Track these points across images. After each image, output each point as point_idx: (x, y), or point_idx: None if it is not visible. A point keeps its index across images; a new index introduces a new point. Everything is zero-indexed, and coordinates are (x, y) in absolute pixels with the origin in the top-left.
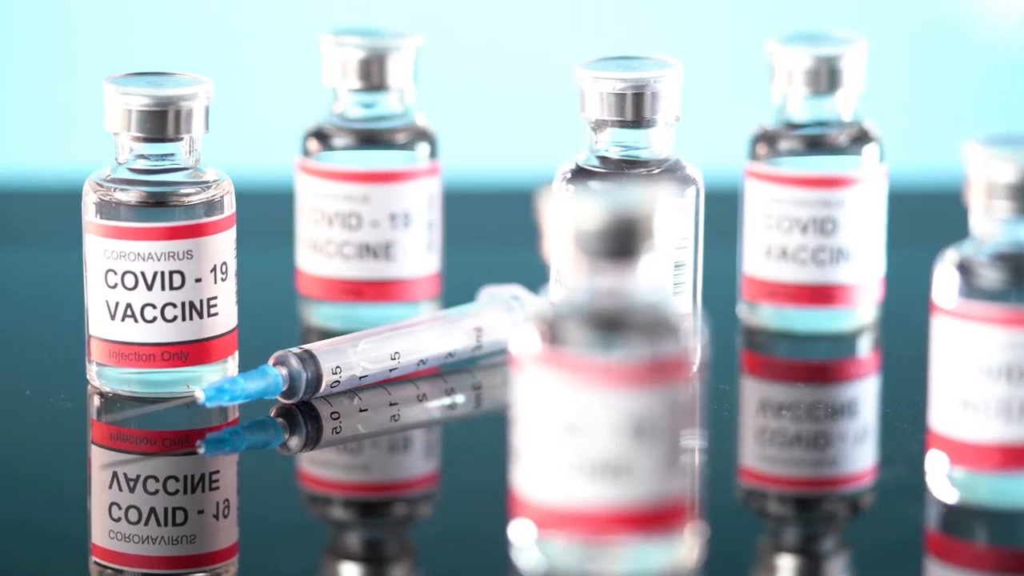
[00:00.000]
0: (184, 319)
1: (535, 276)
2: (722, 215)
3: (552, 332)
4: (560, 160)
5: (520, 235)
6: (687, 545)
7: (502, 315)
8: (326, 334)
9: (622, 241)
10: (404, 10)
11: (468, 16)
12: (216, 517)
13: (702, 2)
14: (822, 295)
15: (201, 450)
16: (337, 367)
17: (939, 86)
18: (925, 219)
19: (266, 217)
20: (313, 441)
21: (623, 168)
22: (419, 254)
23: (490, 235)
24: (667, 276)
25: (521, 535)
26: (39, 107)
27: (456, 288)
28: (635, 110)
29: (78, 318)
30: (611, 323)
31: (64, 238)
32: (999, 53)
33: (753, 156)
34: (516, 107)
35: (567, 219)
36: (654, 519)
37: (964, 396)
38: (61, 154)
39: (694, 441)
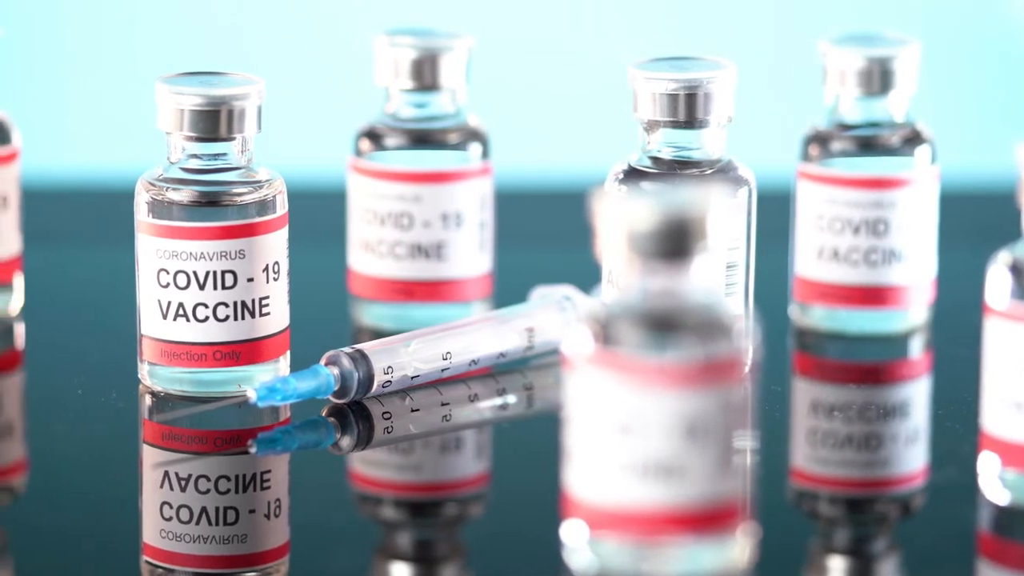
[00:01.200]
0: (236, 318)
1: (587, 276)
2: (774, 216)
3: (605, 333)
4: (612, 161)
5: (572, 235)
6: (739, 546)
7: (554, 315)
8: (378, 334)
9: (675, 242)
10: (457, 10)
11: (521, 16)
12: (267, 517)
13: (755, 2)
14: (874, 296)
15: (253, 450)
16: (389, 367)
17: (992, 87)
18: (977, 220)
19: (318, 217)
20: (364, 441)
21: (675, 169)
22: (471, 254)
23: (542, 235)
24: (719, 277)
25: (573, 536)
26: (92, 106)
27: (508, 288)
28: (688, 110)
29: (130, 317)
30: (664, 324)
31: (117, 237)
32: None
33: (805, 157)
34: (568, 107)
35: (620, 220)
36: (706, 520)
37: (1016, 397)
38: (114, 153)
39: (746, 442)
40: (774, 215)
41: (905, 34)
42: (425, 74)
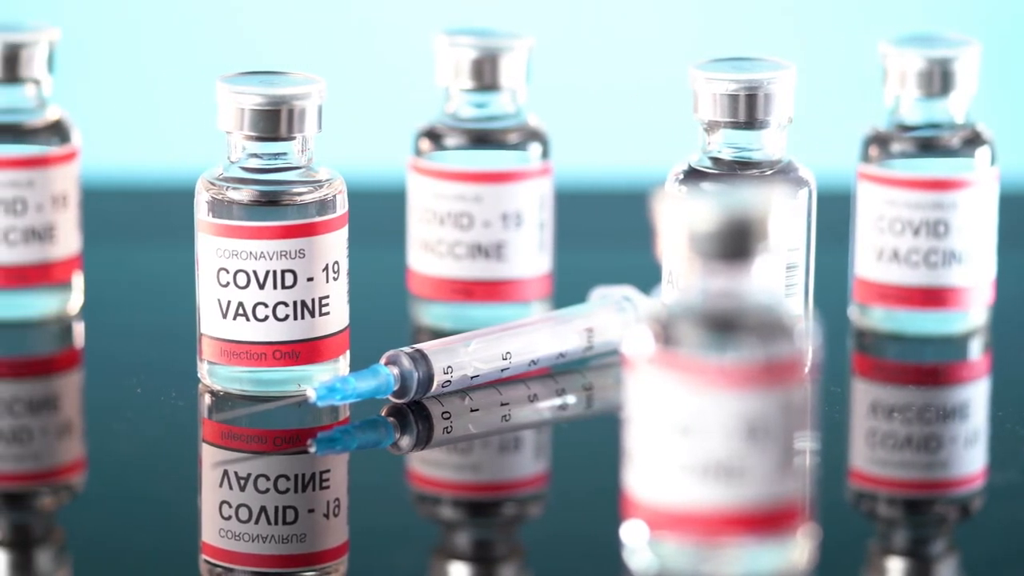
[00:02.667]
0: (296, 318)
1: (646, 277)
2: (834, 217)
3: (666, 333)
4: (672, 161)
5: (631, 236)
6: (799, 547)
7: (613, 316)
8: (437, 334)
9: (737, 243)
10: (517, 10)
11: (581, 16)
12: (326, 516)
13: (816, 3)
14: (933, 297)
15: (312, 449)
16: (448, 367)
17: None
18: None
19: (378, 216)
20: (424, 441)
21: (735, 169)
22: (530, 254)
23: (601, 236)
24: (779, 278)
25: (633, 536)
26: (152, 105)
27: (567, 288)
28: (748, 111)
29: (190, 317)
30: (725, 324)
31: (177, 236)
32: None
33: (865, 158)
34: (628, 107)
35: (682, 220)
36: (767, 521)
37: None
38: (174, 152)
39: (806, 443)
40: (834, 216)
41: (965, 35)
42: (485, 74)
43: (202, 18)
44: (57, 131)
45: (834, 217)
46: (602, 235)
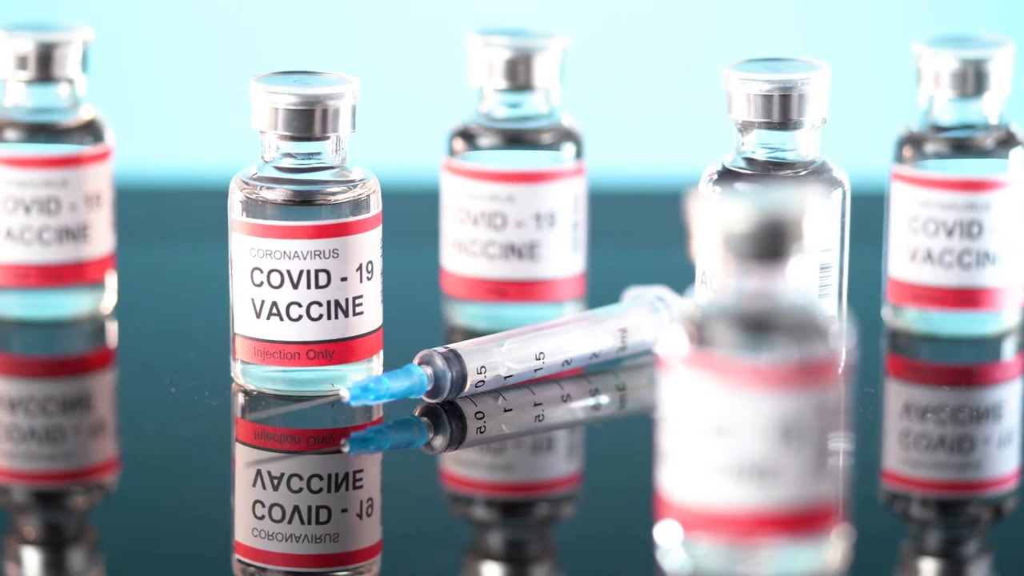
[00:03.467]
0: (329, 318)
1: (679, 277)
2: (867, 217)
3: (700, 333)
4: (706, 161)
5: (665, 236)
6: (833, 548)
7: (647, 316)
8: (470, 334)
9: (771, 243)
10: (551, 10)
11: (615, 16)
12: (359, 516)
13: (849, 3)
14: (967, 298)
15: (345, 449)
16: (482, 367)
17: None
18: None
19: (411, 216)
20: (457, 441)
21: (769, 170)
22: (564, 254)
23: (634, 236)
24: (813, 278)
25: (667, 537)
26: (186, 105)
27: (600, 289)
28: (782, 112)
29: (223, 316)
30: (760, 325)
31: (210, 236)
32: None
33: (899, 159)
34: (662, 107)
35: (716, 221)
36: (801, 521)
37: None
38: (208, 152)
39: (841, 444)
40: (867, 217)
41: (1000, 35)
42: (519, 74)
43: (236, 18)
44: (91, 130)
45: (868, 217)
46: (635, 235)
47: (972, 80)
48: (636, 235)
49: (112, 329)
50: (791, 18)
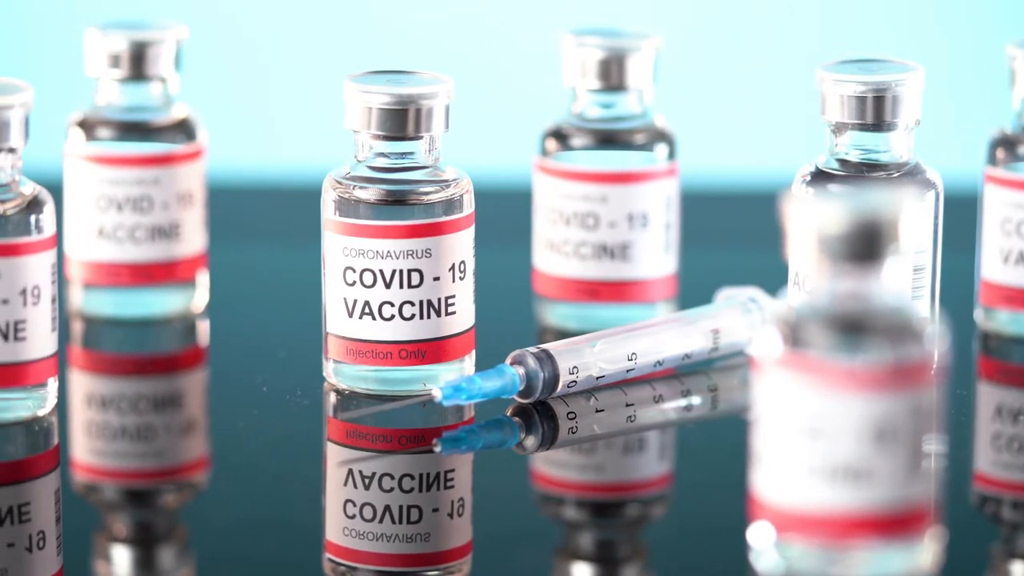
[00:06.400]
0: (422, 317)
1: (772, 278)
2: (960, 220)
3: (794, 335)
4: (799, 163)
5: (757, 237)
6: (926, 550)
7: (739, 317)
8: (562, 334)
9: (867, 244)
10: (645, 10)
11: (709, 17)
12: (450, 516)
13: (944, 4)
14: None
15: (437, 448)
16: (574, 367)
17: None
18: None
19: (504, 216)
20: (549, 441)
21: (862, 171)
22: (656, 255)
23: (727, 237)
24: (907, 280)
25: (760, 538)
26: (279, 104)
27: (692, 289)
28: (876, 113)
29: (316, 315)
30: (854, 327)
31: (303, 235)
32: None
33: (992, 161)
34: (755, 108)
35: (811, 222)
36: (895, 524)
37: None
38: (301, 151)
39: (934, 446)
40: (961, 219)
41: None
42: (612, 74)
43: (329, 17)
44: (183, 129)
45: (960, 220)
46: (728, 236)
47: None
48: (728, 236)
49: (203, 328)
50: (885, 19)
